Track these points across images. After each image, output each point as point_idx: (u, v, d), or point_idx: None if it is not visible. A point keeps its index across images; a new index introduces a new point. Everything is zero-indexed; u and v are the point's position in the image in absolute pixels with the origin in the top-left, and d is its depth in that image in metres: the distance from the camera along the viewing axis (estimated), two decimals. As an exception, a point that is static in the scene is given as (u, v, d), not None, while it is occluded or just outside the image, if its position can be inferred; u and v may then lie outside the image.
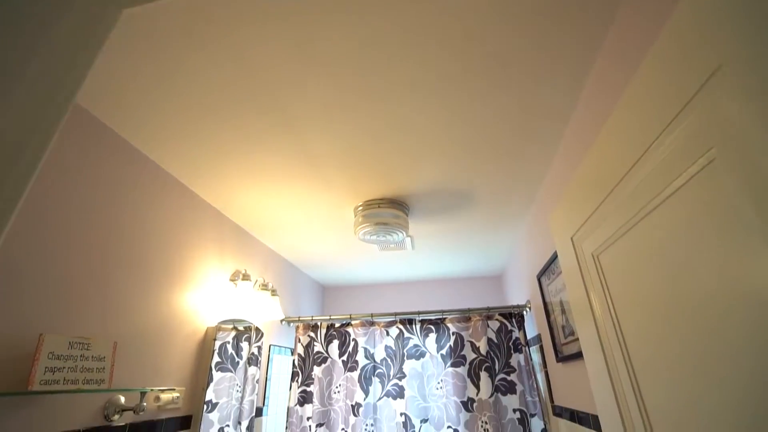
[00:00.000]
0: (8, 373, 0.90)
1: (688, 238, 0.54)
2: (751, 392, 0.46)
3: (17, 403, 0.92)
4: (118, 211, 1.27)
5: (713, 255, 0.50)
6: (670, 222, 0.57)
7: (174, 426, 1.41)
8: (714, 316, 0.51)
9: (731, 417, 0.50)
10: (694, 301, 0.55)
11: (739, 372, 0.48)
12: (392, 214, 1.65)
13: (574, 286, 0.95)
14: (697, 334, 0.55)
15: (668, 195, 0.55)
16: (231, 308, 1.79)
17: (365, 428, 2.03)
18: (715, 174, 0.44)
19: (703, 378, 0.55)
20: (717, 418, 0.53)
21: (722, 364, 0.51)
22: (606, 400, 0.86)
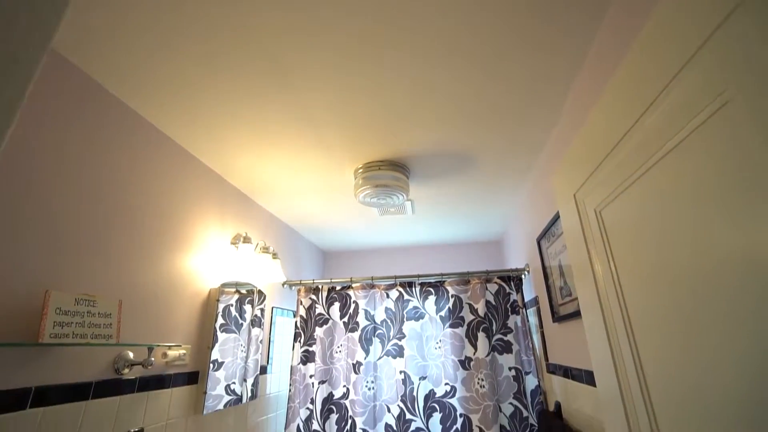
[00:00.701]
0: (19, 327, 0.92)
1: (694, 188, 0.53)
2: (748, 354, 0.47)
3: (31, 355, 0.95)
4: (117, 173, 1.25)
5: (721, 206, 0.49)
6: (676, 173, 0.56)
7: (182, 381, 1.46)
8: (721, 275, 0.50)
9: (725, 370, 0.51)
10: (700, 256, 0.54)
11: (738, 332, 0.48)
12: (392, 177, 1.63)
13: (575, 244, 0.95)
14: (699, 292, 0.55)
15: (675, 144, 0.54)
16: (233, 271, 1.81)
17: (366, 385, 2.11)
18: (728, 117, 0.43)
19: (700, 333, 0.56)
20: (711, 371, 0.54)
21: (726, 325, 0.51)
22: (602, 355, 0.88)
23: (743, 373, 0.48)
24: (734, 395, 0.50)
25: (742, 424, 0.49)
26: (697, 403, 0.58)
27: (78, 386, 1.06)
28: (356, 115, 1.37)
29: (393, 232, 2.80)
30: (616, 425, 0.83)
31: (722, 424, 0.53)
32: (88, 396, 1.08)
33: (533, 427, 1.91)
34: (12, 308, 0.92)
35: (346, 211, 2.33)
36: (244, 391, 1.80)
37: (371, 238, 2.94)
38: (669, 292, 0.63)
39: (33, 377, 0.95)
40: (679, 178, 0.56)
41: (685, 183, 0.55)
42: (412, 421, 2.01)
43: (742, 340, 0.48)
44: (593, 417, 1.32)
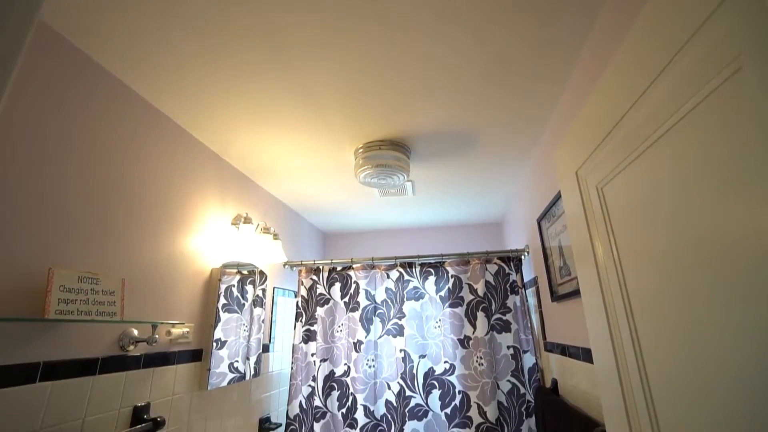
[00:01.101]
0: (24, 304, 0.93)
1: (700, 163, 0.53)
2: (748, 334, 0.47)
3: (38, 331, 0.96)
4: (116, 152, 1.25)
5: (729, 181, 0.48)
6: (682, 146, 0.56)
7: (186, 358, 1.49)
8: (726, 257, 0.50)
9: (722, 350, 0.52)
10: (704, 236, 0.54)
11: (740, 315, 0.48)
12: (393, 156, 1.62)
13: (576, 223, 0.95)
14: (700, 273, 0.55)
15: (682, 116, 0.53)
16: (234, 251, 1.82)
17: (366, 363, 2.15)
18: (740, 84, 0.42)
19: (700, 315, 0.56)
20: (707, 351, 0.54)
21: (728, 307, 0.51)
22: (600, 333, 0.88)
23: (742, 353, 0.49)
24: (733, 377, 0.50)
25: (739, 405, 0.50)
26: (694, 383, 0.58)
27: (85, 362, 1.08)
28: (357, 92, 1.35)
29: (393, 214, 2.80)
30: (612, 401, 0.85)
31: (718, 403, 0.54)
32: (95, 371, 1.10)
33: (530, 404, 1.95)
34: (16, 286, 0.92)
35: (346, 192, 2.33)
36: (247, 369, 1.84)
37: (372, 220, 2.95)
38: (669, 272, 0.62)
39: (41, 352, 0.97)
40: (685, 152, 0.56)
41: (690, 157, 0.55)
42: (412, 397, 2.06)
43: (743, 322, 0.48)
44: (589, 392, 1.35)
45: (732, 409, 0.51)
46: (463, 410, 1.98)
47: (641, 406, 0.74)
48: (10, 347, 0.90)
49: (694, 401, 0.59)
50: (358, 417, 2.06)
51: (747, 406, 0.49)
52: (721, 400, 0.53)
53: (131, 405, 1.22)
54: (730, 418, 0.52)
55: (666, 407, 0.67)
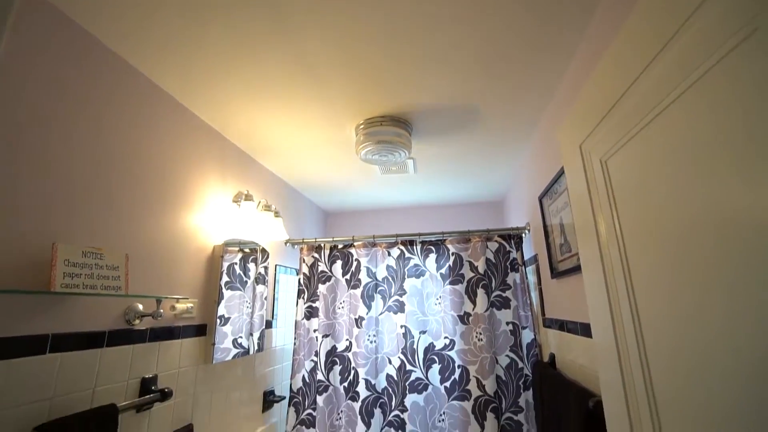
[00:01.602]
0: (30, 278, 0.94)
1: (707, 133, 0.52)
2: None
3: (45, 304, 0.98)
4: (116, 128, 1.23)
5: (738, 154, 0.47)
6: (689, 117, 0.55)
7: (191, 333, 1.51)
8: (734, 232, 0.49)
9: (723, 326, 0.52)
10: (709, 212, 0.53)
11: (742, 294, 0.48)
12: (395, 133, 1.61)
13: (578, 198, 0.95)
14: (705, 249, 0.54)
15: (692, 82, 0.52)
16: (235, 229, 1.82)
17: (368, 338, 2.19)
18: (754, 48, 0.41)
19: (701, 292, 0.56)
20: (709, 328, 0.55)
21: (730, 285, 0.50)
22: (600, 310, 0.88)
23: (741, 331, 0.49)
24: (731, 354, 0.51)
25: (737, 382, 0.50)
26: (692, 360, 0.59)
27: (92, 335, 1.10)
28: (357, 66, 1.32)
29: (394, 192, 2.79)
30: (610, 375, 0.86)
31: (716, 379, 0.54)
32: (103, 344, 1.13)
33: (527, 378, 2.00)
34: (21, 260, 0.93)
35: (347, 170, 2.32)
36: (251, 345, 1.87)
37: (372, 198, 2.94)
38: (672, 248, 0.62)
39: (49, 325, 0.98)
40: (692, 123, 0.55)
41: (697, 128, 0.54)
42: (412, 371, 2.11)
43: (743, 300, 0.48)
44: (586, 366, 1.38)
45: (730, 386, 0.52)
46: (462, 384, 2.02)
47: (638, 381, 0.75)
48: (19, 320, 0.91)
49: (692, 377, 0.60)
50: (359, 390, 2.12)
51: (745, 383, 0.49)
52: (719, 376, 0.54)
53: (139, 377, 1.25)
54: (728, 394, 0.52)
55: (663, 382, 0.68)
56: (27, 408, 0.91)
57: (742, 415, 0.50)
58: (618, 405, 0.82)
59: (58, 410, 0.98)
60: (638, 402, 0.76)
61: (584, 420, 1.14)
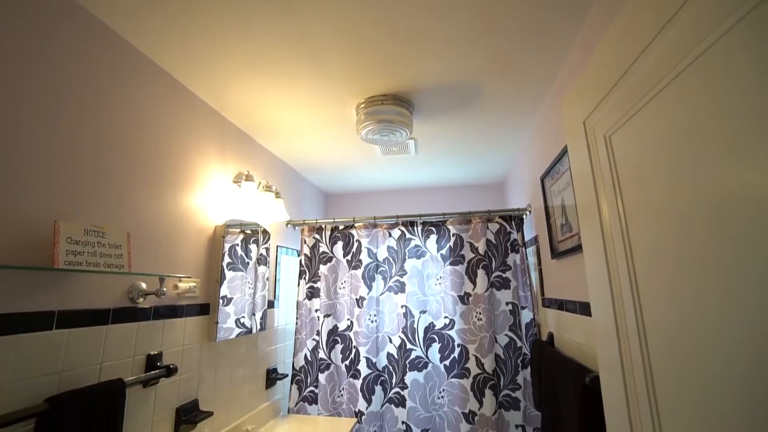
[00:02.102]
0: (33, 256, 0.95)
1: (714, 107, 0.51)
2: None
3: (50, 281, 0.99)
4: (114, 106, 1.22)
5: (745, 130, 0.46)
6: (696, 90, 0.54)
7: (194, 311, 1.53)
8: (739, 212, 0.48)
9: (726, 309, 0.52)
10: (715, 189, 0.52)
11: (745, 275, 0.48)
12: (396, 112, 1.59)
13: (581, 176, 0.94)
14: (709, 230, 0.53)
15: (702, 50, 0.51)
16: (236, 209, 1.82)
17: (369, 318, 2.22)
18: (754, 26, 0.39)
19: (704, 274, 0.55)
20: (712, 309, 0.55)
21: (733, 267, 0.49)
22: (600, 290, 0.88)
23: (744, 312, 0.49)
24: (734, 337, 0.51)
25: (739, 363, 0.50)
26: (693, 340, 0.59)
27: (97, 312, 1.11)
28: (358, 41, 1.30)
29: (395, 174, 2.78)
30: (608, 353, 0.86)
31: (716, 360, 0.55)
32: (107, 321, 1.14)
33: (526, 356, 2.03)
34: (24, 238, 0.94)
35: (348, 151, 2.30)
36: (253, 324, 1.90)
37: (373, 180, 2.93)
38: (675, 227, 0.61)
39: (54, 302, 0.99)
40: (698, 97, 0.54)
41: (704, 103, 0.53)
42: (413, 350, 2.14)
43: (744, 282, 0.48)
44: (583, 344, 1.40)
45: (729, 367, 0.52)
46: (462, 362, 2.06)
47: (637, 360, 0.76)
48: (25, 296, 0.93)
49: (692, 356, 0.60)
50: (360, 368, 2.16)
51: (744, 364, 0.49)
52: (719, 357, 0.54)
53: (144, 353, 1.27)
54: (727, 375, 0.52)
55: (662, 361, 0.68)
56: (38, 380, 0.94)
57: (739, 394, 0.51)
58: (615, 383, 0.83)
59: (67, 384, 1.00)
60: (636, 380, 0.76)
61: (581, 395, 1.17)
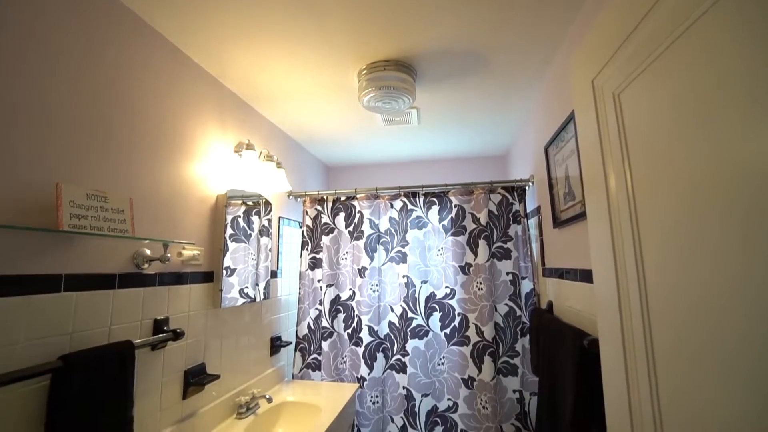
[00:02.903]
0: (37, 219, 0.95)
1: (714, 74, 0.49)
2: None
3: (55, 244, 0.99)
4: (112, 70, 1.19)
5: (743, 97, 0.45)
6: (707, 45, 0.52)
7: (198, 279, 1.55)
8: (751, 182, 0.46)
9: (730, 285, 0.51)
10: (727, 156, 0.49)
11: (751, 253, 0.47)
12: (398, 78, 1.55)
13: (588, 140, 0.93)
14: (720, 200, 0.52)
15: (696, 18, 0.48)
16: (238, 178, 1.81)
17: (371, 287, 2.25)
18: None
19: (710, 249, 0.54)
20: (716, 285, 0.54)
21: (745, 238, 0.48)
22: (603, 260, 0.88)
23: (751, 289, 0.48)
24: (742, 309, 0.50)
25: (742, 338, 0.50)
26: (696, 309, 0.59)
27: (103, 276, 1.12)
28: (361, 4, 1.25)
29: (397, 145, 2.75)
30: (608, 321, 0.87)
31: (718, 332, 0.55)
32: (114, 286, 1.16)
33: (525, 325, 2.07)
34: (27, 202, 0.94)
35: (349, 121, 2.26)
36: (257, 294, 1.92)
37: (375, 152, 2.91)
38: (683, 194, 0.60)
39: (61, 265, 1.00)
40: (712, 51, 0.52)
41: (717, 58, 0.51)
42: (414, 319, 2.19)
43: (759, 259, 0.47)
44: (582, 311, 1.42)
45: (733, 339, 0.52)
46: (462, 330, 2.10)
47: (637, 328, 0.76)
48: (32, 259, 0.93)
49: (695, 327, 0.60)
50: (362, 336, 2.21)
51: (753, 337, 0.49)
52: (724, 330, 0.54)
53: (151, 318, 1.29)
54: (729, 348, 0.52)
55: (663, 331, 0.68)
56: (50, 340, 0.96)
57: (740, 367, 0.51)
58: (615, 348, 0.84)
59: (79, 344, 1.03)
60: (635, 347, 0.77)
61: (578, 357, 1.20)
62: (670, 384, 0.67)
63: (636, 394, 0.78)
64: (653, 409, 0.72)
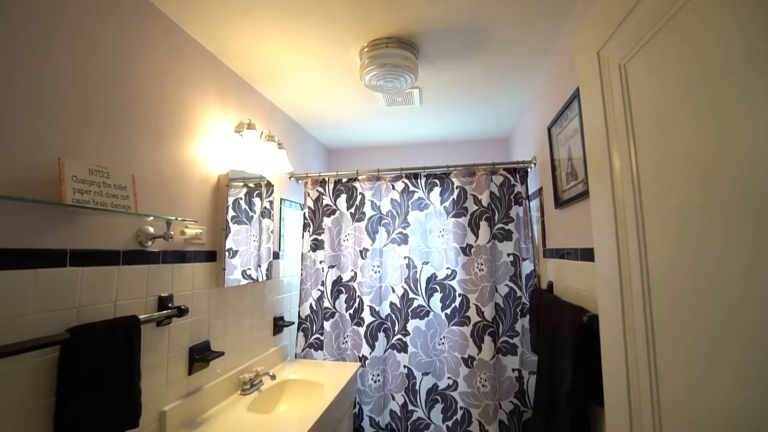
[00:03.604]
0: (41, 193, 0.95)
1: (740, 32, 0.48)
2: None
3: (60, 219, 1.00)
4: (111, 49, 1.18)
5: (746, 77, 0.44)
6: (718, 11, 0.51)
7: (201, 258, 1.56)
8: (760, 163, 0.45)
9: (738, 267, 0.51)
10: (735, 133, 0.48)
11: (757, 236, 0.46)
12: (401, 55, 1.53)
13: (592, 117, 0.92)
14: (729, 182, 0.51)
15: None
16: (239, 158, 1.81)
17: (372, 269, 2.27)
18: None
19: (716, 232, 0.54)
20: (721, 268, 0.54)
21: (754, 223, 0.47)
22: (606, 240, 0.88)
23: (757, 273, 0.48)
24: (751, 293, 0.50)
25: (745, 321, 0.50)
26: (700, 292, 0.59)
27: (107, 253, 1.13)
28: (362, -24, 1.22)
29: (399, 127, 2.73)
30: (608, 299, 0.87)
31: (719, 319, 0.55)
32: (118, 262, 1.17)
33: (525, 305, 2.09)
34: (29, 177, 0.94)
35: (350, 101, 2.24)
36: (259, 275, 1.94)
37: (376, 135, 2.89)
38: (690, 175, 0.59)
39: (66, 241, 1.01)
40: (722, 18, 0.51)
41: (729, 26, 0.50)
42: (415, 299, 2.21)
43: (763, 248, 0.47)
44: (583, 289, 1.43)
45: (734, 322, 0.52)
46: (462, 311, 2.13)
47: (638, 305, 0.76)
48: (37, 234, 0.94)
49: (693, 306, 0.60)
50: (364, 316, 2.23)
51: (757, 321, 0.49)
52: (724, 312, 0.54)
53: (156, 295, 1.31)
54: (731, 329, 0.52)
55: (664, 312, 0.68)
56: (58, 313, 0.98)
57: (739, 347, 0.51)
58: (614, 326, 0.85)
59: (85, 318, 1.04)
60: (635, 326, 0.78)
61: (578, 332, 1.21)
62: (669, 362, 0.68)
63: (635, 371, 0.78)
64: (651, 386, 0.73)
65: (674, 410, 0.67)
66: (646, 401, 0.75)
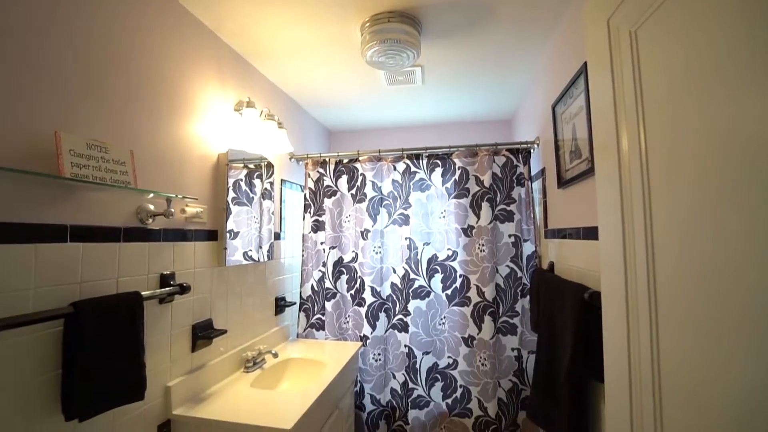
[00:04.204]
0: (41, 167, 0.94)
1: None
2: None
3: (59, 194, 0.99)
4: (107, 24, 1.14)
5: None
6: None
7: (202, 236, 1.56)
8: None
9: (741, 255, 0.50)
10: (752, 114, 0.47)
11: None
12: (403, 30, 1.49)
13: (600, 88, 0.90)
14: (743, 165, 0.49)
15: None
16: (239, 138, 1.78)
17: (373, 249, 2.27)
18: None
19: (724, 218, 0.53)
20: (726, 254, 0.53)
21: (756, 215, 0.47)
22: (610, 212, 0.87)
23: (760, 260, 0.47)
24: (753, 276, 0.49)
25: (748, 303, 0.50)
26: (706, 273, 0.58)
27: (108, 229, 1.13)
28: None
29: (400, 108, 2.69)
30: (612, 275, 0.86)
31: (727, 299, 0.54)
32: (119, 239, 1.16)
33: (525, 286, 2.10)
34: (25, 150, 0.92)
35: (351, 80, 2.20)
36: (260, 256, 1.94)
37: (377, 116, 2.85)
38: (701, 156, 0.57)
39: (66, 216, 1.00)
40: None
41: None
42: (416, 280, 2.22)
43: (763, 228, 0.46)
44: (584, 268, 1.43)
45: (740, 302, 0.51)
46: (463, 291, 2.14)
47: (642, 285, 0.76)
48: (37, 208, 0.93)
49: (701, 288, 0.59)
50: (365, 297, 2.25)
51: (762, 304, 0.48)
52: (734, 294, 0.53)
53: (157, 272, 1.31)
54: (737, 307, 0.52)
55: (668, 294, 0.68)
56: (60, 288, 0.98)
57: (744, 332, 0.51)
58: (617, 303, 0.84)
59: (88, 293, 1.05)
60: (638, 304, 0.77)
61: (578, 309, 1.22)
62: (671, 338, 0.67)
63: (636, 350, 0.78)
64: (652, 361, 0.73)
65: (675, 384, 0.67)
66: (647, 376, 0.75)
